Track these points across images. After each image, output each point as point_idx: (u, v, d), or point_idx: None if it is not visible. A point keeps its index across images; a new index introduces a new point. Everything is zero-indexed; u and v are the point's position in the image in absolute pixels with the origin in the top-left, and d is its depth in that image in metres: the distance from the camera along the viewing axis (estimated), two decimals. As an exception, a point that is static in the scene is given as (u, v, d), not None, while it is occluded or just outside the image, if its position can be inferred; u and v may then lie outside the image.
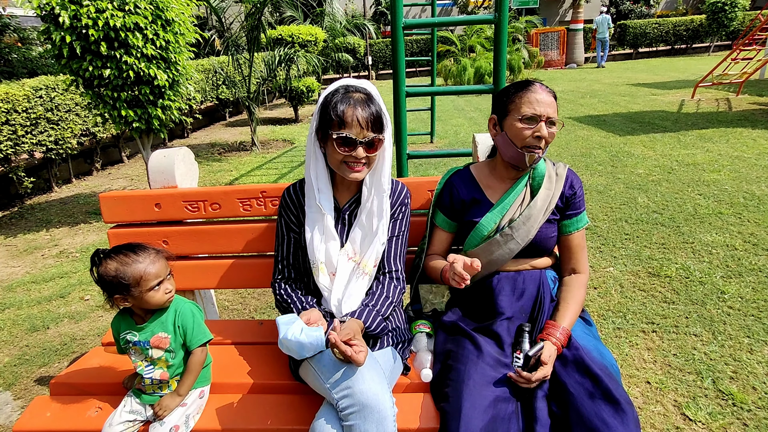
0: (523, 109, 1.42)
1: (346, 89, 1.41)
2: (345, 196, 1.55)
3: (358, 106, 1.37)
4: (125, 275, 1.31)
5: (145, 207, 1.86)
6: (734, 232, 3.39)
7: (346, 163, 1.40)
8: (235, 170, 6.25)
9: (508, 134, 1.46)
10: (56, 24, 3.65)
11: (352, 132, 1.36)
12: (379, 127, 1.40)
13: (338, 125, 1.37)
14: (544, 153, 1.47)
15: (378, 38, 17.36)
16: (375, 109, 1.39)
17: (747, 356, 2.19)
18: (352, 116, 1.36)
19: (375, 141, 1.40)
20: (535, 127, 1.41)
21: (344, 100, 1.37)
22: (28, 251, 4.11)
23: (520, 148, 1.44)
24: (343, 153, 1.38)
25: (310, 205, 1.50)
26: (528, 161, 1.45)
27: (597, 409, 1.21)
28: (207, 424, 1.41)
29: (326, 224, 1.47)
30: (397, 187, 1.58)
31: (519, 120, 1.43)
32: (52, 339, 2.77)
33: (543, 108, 1.41)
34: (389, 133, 1.46)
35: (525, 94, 1.44)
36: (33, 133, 5.18)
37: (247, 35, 6.94)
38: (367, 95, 1.41)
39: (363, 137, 1.37)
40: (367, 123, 1.37)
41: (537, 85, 1.45)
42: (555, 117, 1.44)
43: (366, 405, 1.18)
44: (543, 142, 1.43)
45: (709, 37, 17.72)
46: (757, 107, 7.40)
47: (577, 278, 1.52)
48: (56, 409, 1.51)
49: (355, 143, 1.37)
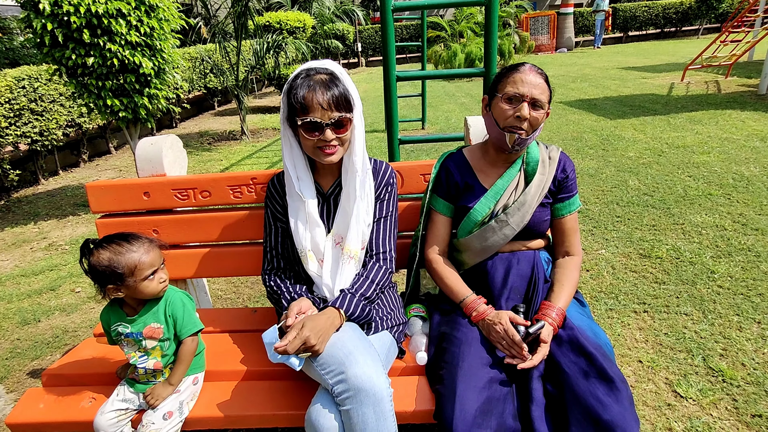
0: (508, 88, 1.41)
1: (308, 73, 1.36)
2: (328, 180, 1.53)
3: (319, 89, 1.32)
4: (119, 264, 1.29)
5: (134, 196, 1.83)
6: (724, 213, 3.42)
7: (320, 147, 1.38)
8: (225, 159, 6.18)
9: (493, 114, 1.46)
10: (36, 11, 3.55)
11: (316, 116, 1.33)
12: (346, 106, 1.36)
13: (302, 110, 1.33)
14: (530, 137, 1.43)
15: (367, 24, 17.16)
16: (339, 89, 1.35)
17: (736, 334, 2.22)
18: (313, 100, 1.32)
19: (343, 120, 1.36)
20: (517, 106, 1.39)
21: (304, 85, 1.33)
22: (16, 244, 4.05)
23: (502, 128, 1.42)
24: (312, 138, 1.35)
25: (291, 194, 1.48)
26: (509, 141, 1.42)
27: (592, 387, 1.21)
28: (202, 411, 1.41)
29: (309, 211, 1.45)
30: (381, 166, 1.56)
31: (503, 99, 1.42)
32: (43, 332, 2.74)
33: (527, 88, 1.38)
34: (359, 112, 1.42)
35: (512, 74, 1.42)
36: (17, 125, 5.07)
37: (234, 22, 6.82)
38: (330, 75, 1.37)
39: (329, 119, 1.34)
40: (330, 104, 1.33)
41: (526, 66, 1.43)
42: (542, 99, 1.39)
43: (361, 389, 1.18)
44: (526, 123, 1.40)
45: (698, 20, 17.72)
46: (745, 89, 7.43)
47: (571, 260, 1.52)
48: (49, 400, 1.49)
49: (322, 126, 1.34)
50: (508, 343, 1.33)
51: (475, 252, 1.52)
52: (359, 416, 1.17)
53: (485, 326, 1.40)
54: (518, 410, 1.28)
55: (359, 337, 1.31)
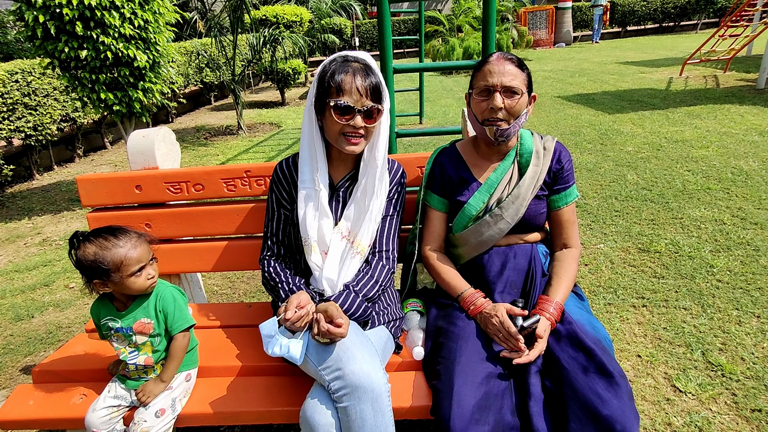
0: (479, 82, 1.39)
1: (345, 59, 1.36)
2: (340, 172, 1.51)
3: (357, 74, 1.32)
4: (104, 260, 1.26)
5: (125, 189, 1.80)
6: (722, 207, 3.40)
7: (345, 134, 1.36)
8: (222, 154, 6.14)
9: (472, 110, 1.44)
10: (28, 3, 3.51)
11: (350, 99, 1.32)
12: (378, 97, 1.36)
13: (336, 92, 1.32)
14: (512, 126, 1.40)
15: (365, 19, 17.06)
16: (375, 79, 1.35)
17: (735, 328, 2.20)
18: (351, 83, 1.31)
19: (374, 111, 1.35)
20: (489, 98, 1.37)
21: (342, 69, 1.33)
22: (10, 240, 4.02)
23: (481, 122, 1.41)
24: (341, 122, 1.33)
25: (303, 180, 1.45)
26: (490, 134, 1.40)
27: (591, 382, 1.19)
28: (195, 408, 1.39)
29: (321, 201, 1.43)
30: (393, 165, 1.55)
31: (476, 93, 1.41)
32: (37, 328, 2.71)
33: (496, 78, 1.35)
34: (387, 106, 1.41)
35: (482, 66, 1.40)
36: (10, 119, 5.02)
37: (230, 16, 6.75)
38: (365, 65, 1.36)
39: (362, 105, 1.33)
40: (366, 91, 1.32)
41: (495, 56, 1.40)
42: (515, 85, 1.35)
43: (359, 386, 1.16)
44: (502, 113, 1.37)
45: (696, 15, 17.68)
46: (744, 83, 7.41)
47: (569, 253, 1.50)
48: (39, 397, 1.47)
49: (354, 111, 1.32)
50: (505, 336, 1.31)
51: (471, 246, 1.50)
52: (357, 413, 1.15)
53: (482, 319, 1.38)
54: (516, 406, 1.26)
55: (357, 334, 1.28)
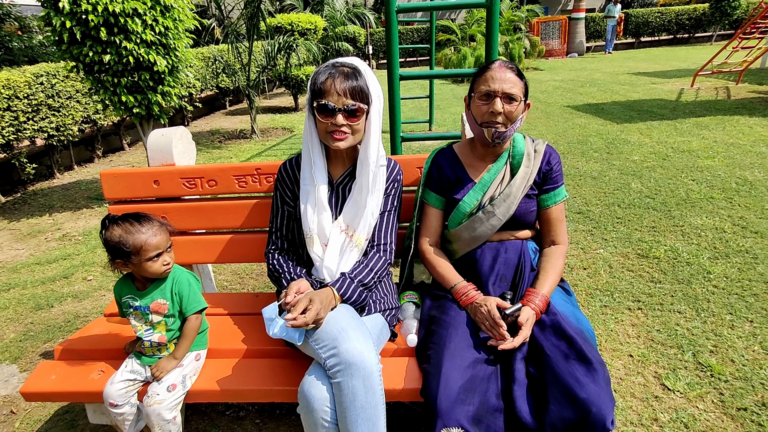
0: (481, 86, 1.50)
1: (334, 64, 1.48)
2: (339, 169, 1.62)
3: (339, 77, 1.43)
4: (127, 243, 1.39)
5: (144, 184, 1.93)
6: (724, 216, 3.44)
7: (331, 132, 1.46)
8: (235, 157, 6.31)
9: (472, 112, 1.55)
10: (56, 9, 3.69)
11: (331, 100, 1.42)
12: (361, 97, 1.45)
13: (319, 94, 1.44)
14: (509, 130, 1.51)
15: (378, 27, 17.29)
16: (357, 82, 1.45)
17: (728, 332, 2.25)
18: (331, 85, 1.42)
19: (357, 110, 1.45)
20: (490, 102, 1.47)
21: (326, 72, 1.44)
22: (31, 234, 4.19)
23: (480, 124, 1.51)
24: (325, 121, 1.45)
25: (304, 178, 1.57)
26: (488, 136, 1.51)
27: (571, 368, 1.28)
28: (204, 385, 1.50)
29: (319, 196, 1.54)
30: (390, 163, 1.65)
31: (477, 98, 1.51)
32: (56, 317, 2.85)
33: (498, 84, 1.46)
34: (377, 108, 1.51)
35: (484, 72, 1.51)
36: (34, 120, 5.23)
37: (247, 23, 6.96)
38: (353, 69, 1.47)
39: (342, 105, 1.43)
40: (345, 91, 1.42)
41: (497, 63, 1.51)
42: (514, 92, 1.47)
43: (351, 363, 1.25)
44: (501, 117, 1.48)
45: (711, 26, 17.59)
46: (756, 95, 7.40)
47: (557, 249, 1.59)
48: (61, 372, 1.59)
49: (334, 110, 1.43)
50: (491, 324, 1.40)
51: (465, 242, 1.59)
52: (349, 388, 1.25)
53: (473, 309, 1.47)
54: (501, 389, 1.35)
55: (352, 316, 1.39)
